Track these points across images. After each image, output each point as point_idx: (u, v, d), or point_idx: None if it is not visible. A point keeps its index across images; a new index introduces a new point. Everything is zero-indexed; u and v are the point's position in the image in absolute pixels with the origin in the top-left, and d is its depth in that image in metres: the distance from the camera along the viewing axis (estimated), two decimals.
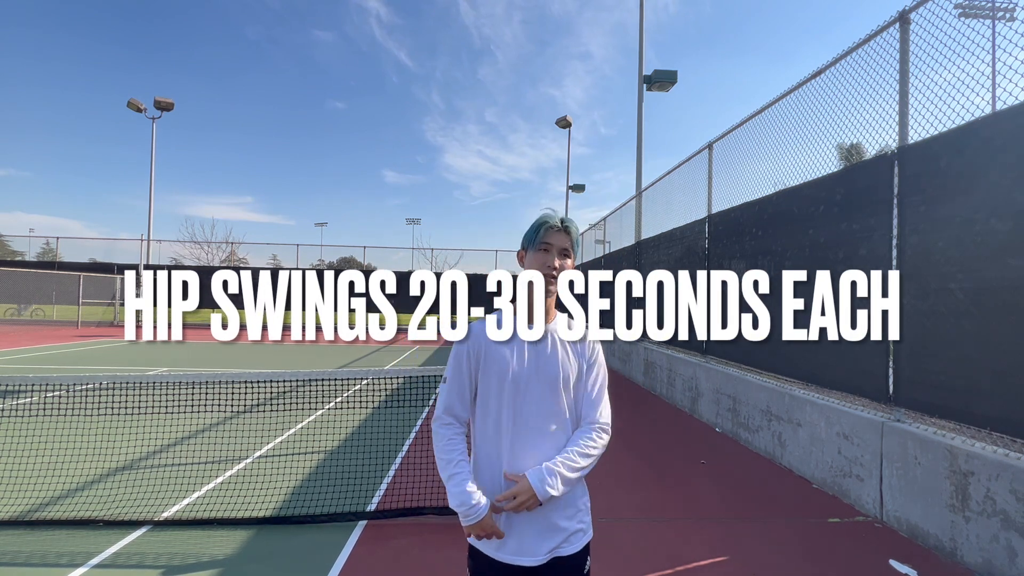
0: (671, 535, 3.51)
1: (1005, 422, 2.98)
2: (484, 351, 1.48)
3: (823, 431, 4.44)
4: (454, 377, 1.50)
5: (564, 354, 1.50)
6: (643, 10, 13.10)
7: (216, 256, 34.08)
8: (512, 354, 1.47)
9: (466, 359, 1.49)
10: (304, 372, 3.85)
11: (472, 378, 1.50)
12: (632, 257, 11.14)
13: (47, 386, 7.09)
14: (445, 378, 1.53)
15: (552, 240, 1.49)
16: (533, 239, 1.51)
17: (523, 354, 1.47)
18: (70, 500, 3.79)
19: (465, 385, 1.50)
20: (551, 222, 1.50)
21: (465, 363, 1.49)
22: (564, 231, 1.50)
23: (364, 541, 3.30)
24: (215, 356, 12.64)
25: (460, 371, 1.49)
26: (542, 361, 1.47)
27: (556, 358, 1.48)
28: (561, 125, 27.34)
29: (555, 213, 1.54)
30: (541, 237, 1.50)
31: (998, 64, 3.14)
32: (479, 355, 1.48)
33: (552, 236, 1.49)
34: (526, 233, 1.55)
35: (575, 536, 1.47)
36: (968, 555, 3.08)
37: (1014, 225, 2.97)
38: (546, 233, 1.49)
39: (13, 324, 20.94)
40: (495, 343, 1.48)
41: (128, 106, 25.57)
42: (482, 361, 1.48)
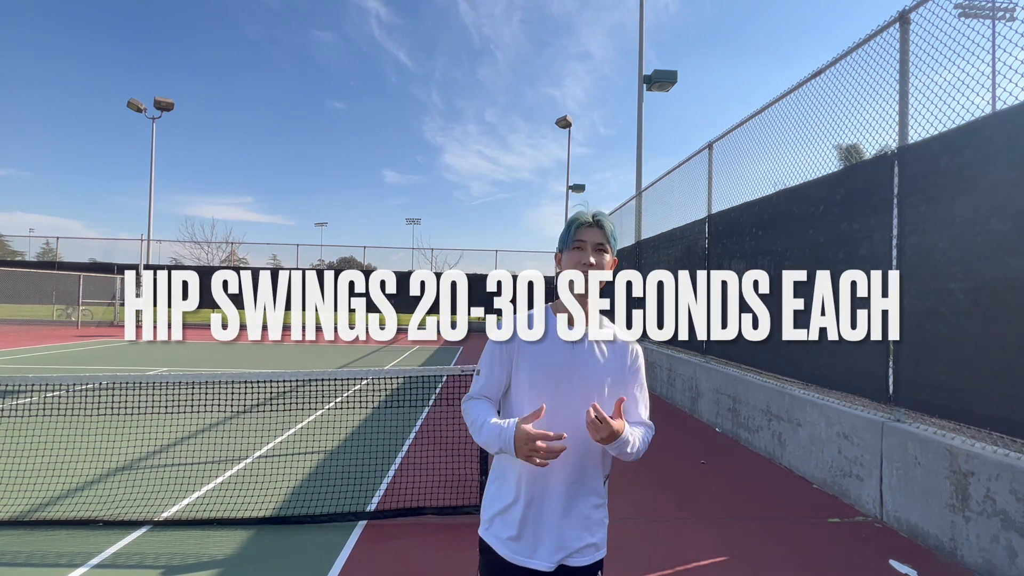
0: (671, 535, 3.51)
1: (1005, 422, 2.98)
2: (519, 349, 1.46)
3: (823, 431, 4.44)
4: (488, 372, 1.50)
5: (602, 356, 1.46)
6: (643, 10, 13.10)
7: (216, 256, 34.10)
8: (549, 354, 1.44)
9: (499, 355, 1.47)
10: (304, 372, 3.85)
11: (507, 375, 1.48)
12: (632, 257, 11.14)
13: (47, 386, 7.08)
14: (478, 371, 1.53)
15: (585, 237, 1.46)
16: (567, 239, 1.48)
17: (560, 354, 1.44)
18: (70, 500, 3.79)
19: (498, 379, 1.49)
20: (582, 219, 1.47)
21: (498, 359, 1.47)
22: (597, 226, 1.46)
23: (364, 541, 3.30)
24: (215, 356, 12.64)
25: (493, 366, 1.49)
26: (579, 362, 1.44)
27: (595, 360, 1.45)
28: (561, 125, 27.36)
29: (587, 209, 1.50)
30: (574, 235, 1.46)
31: (998, 64, 3.14)
32: (514, 351, 1.46)
33: (585, 233, 1.46)
34: (561, 234, 1.52)
35: (587, 549, 1.43)
36: (968, 555, 3.08)
37: (1014, 225, 2.97)
38: (578, 231, 1.46)
39: (10, 324, 20.94)
40: (532, 340, 1.46)
41: (128, 106, 25.58)
42: (516, 357, 1.46)
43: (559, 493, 1.41)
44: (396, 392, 7.68)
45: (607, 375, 1.45)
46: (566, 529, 1.41)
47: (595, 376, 1.43)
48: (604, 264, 1.46)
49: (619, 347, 1.49)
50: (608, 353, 1.47)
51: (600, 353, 1.46)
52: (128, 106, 25.57)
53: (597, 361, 1.45)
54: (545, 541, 1.40)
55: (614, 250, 1.50)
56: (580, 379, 1.42)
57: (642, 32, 13.09)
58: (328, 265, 35.32)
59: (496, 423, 1.38)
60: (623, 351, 1.49)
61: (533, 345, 1.45)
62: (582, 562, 1.42)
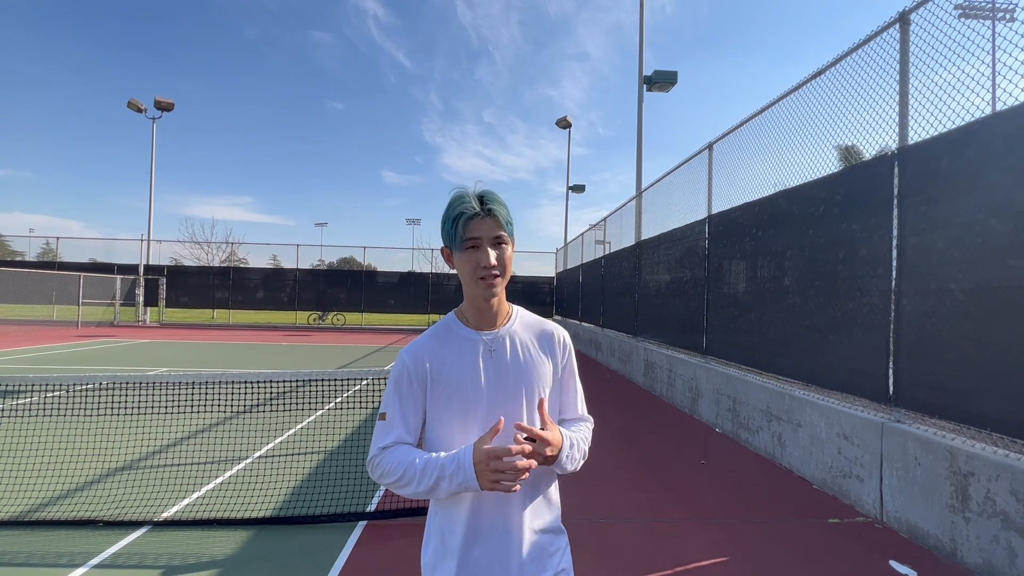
0: (671, 535, 3.51)
1: (1005, 423, 2.98)
2: (430, 374, 1.21)
3: (823, 431, 4.44)
4: (397, 412, 1.22)
5: (526, 355, 1.25)
6: (643, 11, 13.11)
7: (216, 256, 34.14)
8: (467, 369, 1.21)
9: (406, 387, 1.22)
10: (304, 372, 3.85)
11: (419, 406, 1.23)
12: (632, 257, 11.14)
13: (47, 386, 7.09)
14: (383, 414, 1.23)
15: (478, 232, 1.16)
16: (454, 236, 1.17)
17: (479, 364, 1.22)
18: (70, 500, 3.79)
19: (413, 416, 1.23)
20: (469, 209, 1.15)
21: (407, 391, 1.22)
22: (489, 215, 1.16)
23: (364, 541, 3.30)
24: (215, 356, 12.64)
25: (403, 402, 1.22)
26: (502, 368, 1.22)
27: (519, 361, 1.24)
28: (561, 126, 27.38)
29: (468, 193, 1.17)
30: (463, 232, 1.16)
31: (998, 64, 3.14)
32: (424, 380, 1.22)
33: (476, 227, 1.16)
34: (443, 226, 1.20)
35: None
36: (968, 556, 3.08)
37: (1014, 225, 2.97)
38: (467, 226, 1.15)
39: (10, 324, 20.93)
40: (442, 361, 1.22)
41: (128, 106, 25.62)
42: (429, 386, 1.21)
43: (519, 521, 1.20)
44: None
45: (534, 376, 1.24)
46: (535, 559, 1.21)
47: (523, 380, 1.23)
48: (506, 258, 1.19)
49: (544, 340, 1.29)
50: (534, 350, 1.27)
51: (524, 352, 1.25)
52: (128, 106, 25.61)
53: (522, 361, 1.24)
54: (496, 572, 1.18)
55: (512, 234, 1.21)
56: (506, 389, 1.21)
57: (642, 33, 13.10)
58: (328, 265, 35.31)
59: (440, 456, 1.13)
60: (549, 343, 1.29)
61: (445, 366, 1.22)
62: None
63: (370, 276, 25.63)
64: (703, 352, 7.20)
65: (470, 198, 1.16)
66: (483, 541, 1.18)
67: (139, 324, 22.84)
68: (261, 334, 19.66)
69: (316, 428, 5.81)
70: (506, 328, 1.27)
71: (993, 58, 3.16)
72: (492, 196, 1.18)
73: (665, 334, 8.93)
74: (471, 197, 1.17)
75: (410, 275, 25.85)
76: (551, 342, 1.30)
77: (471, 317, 1.26)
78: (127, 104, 25.54)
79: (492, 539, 1.18)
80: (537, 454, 1.11)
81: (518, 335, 1.28)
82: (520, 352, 1.25)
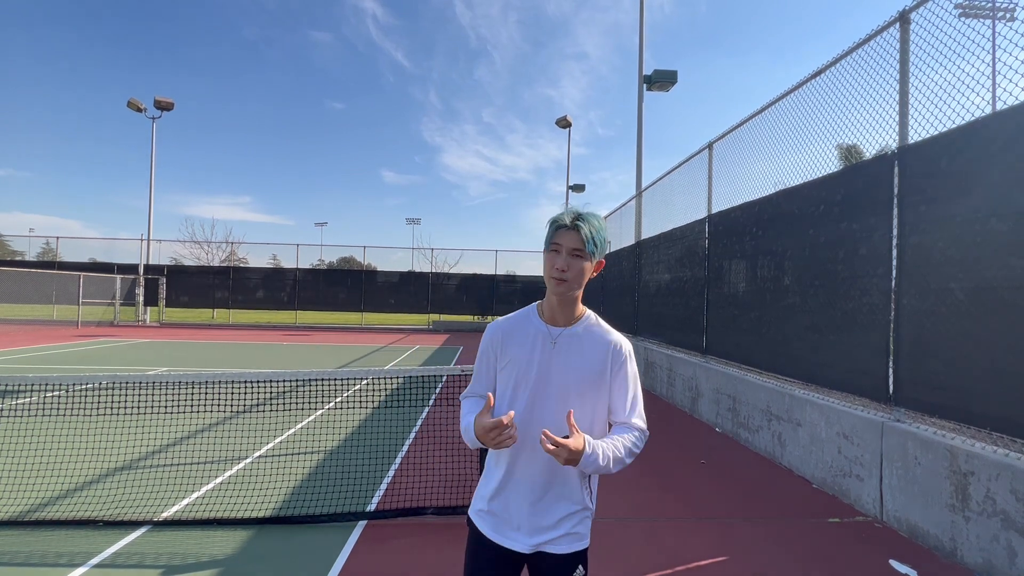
0: (671, 535, 3.51)
1: (1005, 422, 2.98)
2: (502, 347, 1.50)
3: (823, 431, 4.44)
4: (477, 370, 1.57)
5: (581, 355, 1.45)
6: (643, 11, 13.10)
7: (216, 256, 34.10)
8: (528, 353, 1.46)
9: (486, 355, 1.54)
10: (304, 372, 3.85)
11: (492, 370, 1.53)
12: (632, 257, 11.14)
13: (47, 386, 7.09)
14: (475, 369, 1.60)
15: (562, 240, 1.40)
16: (547, 239, 1.44)
17: (538, 353, 1.45)
18: (70, 500, 3.79)
19: (486, 378, 1.55)
20: (561, 220, 1.41)
21: (485, 358, 1.54)
22: (574, 229, 1.38)
23: (364, 541, 3.30)
24: (215, 356, 12.64)
25: (481, 365, 1.55)
26: (557, 361, 1.44)
27: (571, 362, 1.44)
28: (561, 125, 27.36)
29: (570, 210, 1.44)
30: (551, 237, 1.42)
31: (998, 64, 3.14)
32: (497, 351, 1.51)
33: (561, 236, 1.40)
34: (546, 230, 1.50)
35: (566, 539, 1.43)
36: (968, 555, 3.08)
37: (1014, 225, 2.97)
38: (556, 233, 1.41)
39: (10, 324, 20.93)
40: (514, 341, 1.49)
41: (128, 106, 25.61)
42: (499, 357, 1.50)
43: (537, 481, 1.44)
44: (396, 392, 7.68)
45: (585, 374, 1.44)
46: (542, 515, 1.43)
47: (573, 375, 1.44)
48: (579, 269, 1.40)
49: (601, 347, 1.47)
50: (588, 354, 1.46)
51: (578, 353, 1.45)
52: (128, 106, 25.59)
53: (575, 360, 1.45)
54: (522, 524, 1.43)
55: (596, 254, 1.43)
56: (558, 378, 1.44)
57: (642, 32, 13.09)
58: (328, 265, 35.31)
59: (470, 419, 1.44)
60: (604, 349, 1.47)
61: (514, 344, 1.48)
62: (560, 550, 1.43)
63: (370, 276, 25.60)
64: (703, 351, 7.20)
65: (568, 213, 1.42)
66: (513, 484, 1.47)
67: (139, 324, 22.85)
68: (261, 334, 19.68)
69: (316, 428, 5.81)
70: (572, 329, 1.48)
71: (993, 57, 3.16)
72: (585, 217, 1.40)
73: (665, 333, 8.93)
74: (570, 213, 1.42)
75: (410, 275, 25.88)
76: (606, 350, 1.47)
77: (546, 311, 1.50)
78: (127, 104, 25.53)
79: (519, 485, 1.46)
80: (558, 455, 1.27)
81: (580, 337, 1.48)
82: (576, 352, 1.46)
